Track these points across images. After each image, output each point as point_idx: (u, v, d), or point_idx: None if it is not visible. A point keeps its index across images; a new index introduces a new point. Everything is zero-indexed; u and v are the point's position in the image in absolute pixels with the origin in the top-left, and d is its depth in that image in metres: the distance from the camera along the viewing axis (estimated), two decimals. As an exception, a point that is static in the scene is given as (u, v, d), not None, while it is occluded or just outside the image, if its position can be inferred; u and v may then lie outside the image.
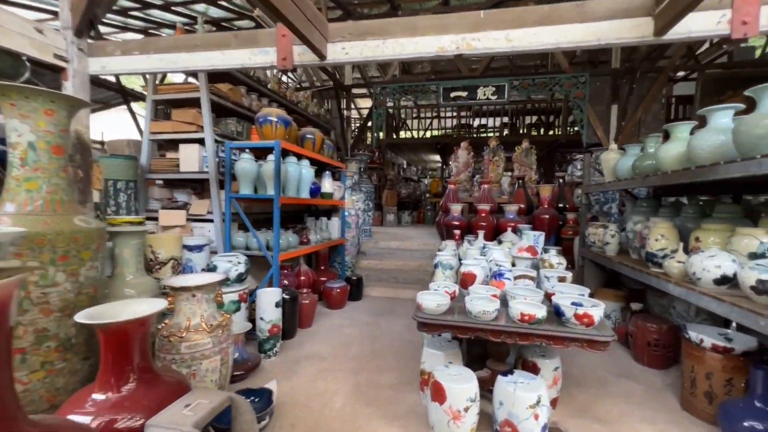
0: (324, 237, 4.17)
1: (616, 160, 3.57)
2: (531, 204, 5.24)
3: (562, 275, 2.20)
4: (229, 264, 2.79)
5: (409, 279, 4.82)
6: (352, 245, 4.86)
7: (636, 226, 3.11)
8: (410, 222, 8.83)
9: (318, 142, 3.82)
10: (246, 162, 3.08)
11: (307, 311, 3.46)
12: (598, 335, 1.65)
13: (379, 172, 8.70)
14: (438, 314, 1.89)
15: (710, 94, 4.94)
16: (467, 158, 6.16)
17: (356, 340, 3.20)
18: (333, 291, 4.03)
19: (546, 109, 8.19)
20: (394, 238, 6.19)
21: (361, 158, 5.72)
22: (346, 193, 4.82)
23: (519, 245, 2.54)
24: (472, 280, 2.18)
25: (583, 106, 5.10)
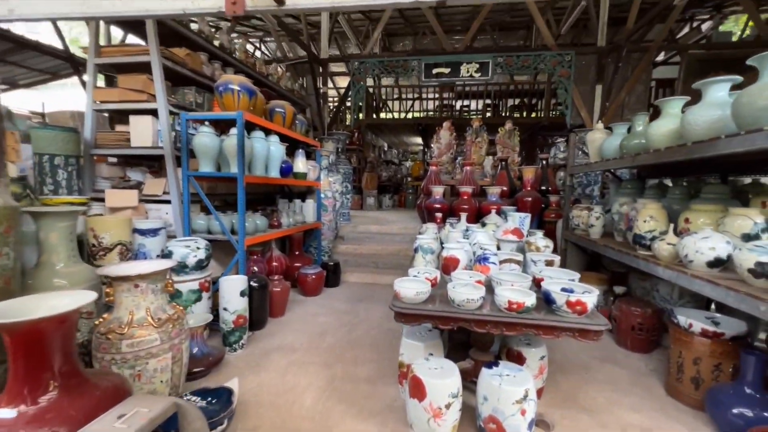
0: (298, 220, 3.90)
1: (602, 140, 3.45)
2: (514, 186, 5.12)
3: (550, 259, 2.05)
4: (186, 249, 2.50)
5: (389, 264, 4.65)
6: (329, 229, 4.61)
7: (622, 207, 3.01)
8: (391, 206, 8.63)
9: (289, 116, 3.50)
10: (205, 136, 2.75)
11: (279, 299, 3.22)
12: (592, 324, 1.50)
13: (359, 153, 8.39)
14: (417, 303, 1.70)
15: (693, 76, 4.90)
16: (449, 139, 5.96)
17: (332, 330, 3.00)
18: (308, 277, 3.80)
19: (529, 91, 8.05)
20: (374, 221, 5.98)
21: (338, 137, 5.41)
22: (321, 174, 4.53)
23: (504, 227, 2.37)
24: (455, 264, 2.00)
25: (568, 85, 4.95)
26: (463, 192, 4.81)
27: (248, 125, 2.95)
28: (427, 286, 1.72)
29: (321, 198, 4.46)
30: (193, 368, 2.16)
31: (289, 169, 3.55)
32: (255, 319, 2.91)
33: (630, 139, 2.94)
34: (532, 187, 4.70)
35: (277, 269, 3.70)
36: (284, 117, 3.45)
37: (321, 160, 4.52)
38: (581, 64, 5.01)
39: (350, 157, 8.28)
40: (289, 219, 3.69)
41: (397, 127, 9.36)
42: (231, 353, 2.53)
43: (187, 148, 2.83)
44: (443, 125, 6.00)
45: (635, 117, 2.99)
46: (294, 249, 4.19)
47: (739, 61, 4.14)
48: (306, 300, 3.76)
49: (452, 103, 8.49)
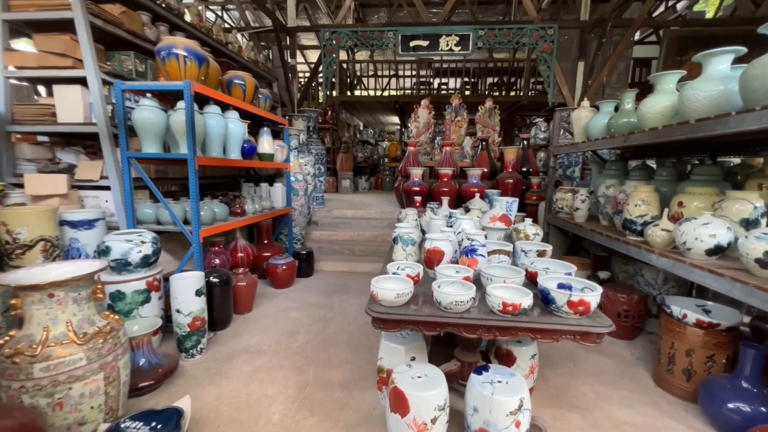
0: (265, 206, 3.55)
1: (588, 119, 3.29)
2: (494, 168, 4.96)
3: (542, 248, 1.87)
4: (127, 244, 2.13)
5: (366, 251, 4.41)
6: (301, 215, 4.29)
7: (608, 190, 2.88)
8: (367, 188, 8.33)
9: (250, 89, 3.09)
10: (147, 110, 2.33)
11: (245, 294, 2.92)
12: (596, 326, 1.32)
13: (333, 133, 7.96)
14: (398, 306, 1.47)
15: (674, 54, 4.83)
16: (428, 118, 5.67)
17: (304, 327, 2.75)
18: (278, 268, 3.50)
19: (508, 69, 7.82)
20: (350, 205, 5.69)
21: (309, 115, 4.99)
22: (291, 155, 4.16)
23: (491, 214, 2.17)
24: (440, 258, 1.78)
25: (551, 61, 4.75)
26: (442, 174, 4.60)
27: (200, 98, 2.54)
28: (409, 285, 1.48)
29: (291, 181, 4.11)
30: (139, 383, 1.86)
31: (253, 149, 3.17)
32: (217, 319, 2.61)
33: (618, 118, 2.79)
34: (514, 168, 4.54)
35: (244, 261, 3.37)
36: (244, 90, 3.04)
37: (290, 140, 4.14)
38: (563, 40, 4.82)
39: (323, 137, 7.84)
40: (254, 205, 3.34)
41: (372, 105, 8.94)
42: (188, 360, 2.24)
43: (126, 125, 2.40)
44: (421, 103, 5.70)
45: (623, 94, 2.83)
46: (262, 238, 3.85)
47: (718, 39, 4.03)
48: (276, 293, 3.47)
49: (430, 80, 8.15)
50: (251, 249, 3.51)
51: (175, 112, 2.37)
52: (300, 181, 4.22)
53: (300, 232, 4.33)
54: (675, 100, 2.21)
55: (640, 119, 2.38)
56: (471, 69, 7.94)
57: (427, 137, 5.78)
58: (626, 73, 5.20)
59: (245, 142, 3.09)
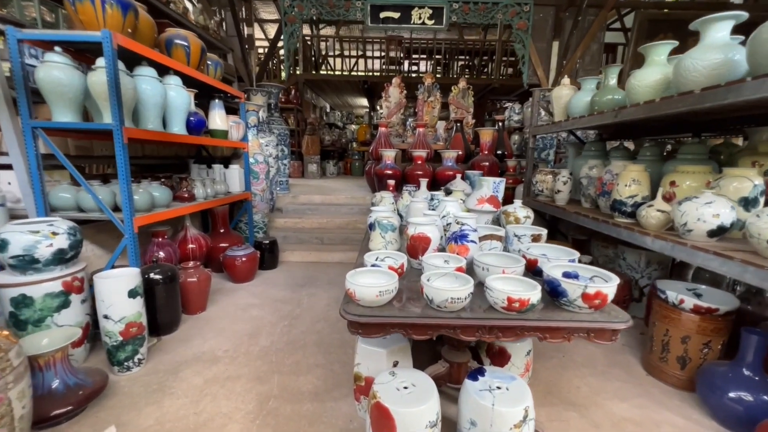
0: (219, 191, 3.12)
1: (570, 97, 3.14)
2: (469, 150, 4.78)
3: (537, 232, 1.66)
4: (32, 237, 1.68)
5: (336, 239, 4.09)
6: (263, 201, 3.87)
7: (592, 171, 2.76)
8: (336, 173, 7.93)
9: (195, 53, 2.62)
10: (56, 69, 1.84)
11: (197, 291, 2.53)
12: (613, 321, 1.13)
13: (298, 114, 7.43)
14: (381, 305, 1.19)
15: (644, 37, 4.84)
16: (400, 97, 5.36)
17: (267, 326, 2.42)
18: (236, 260, 3.10)
19: (480, 51, 7.64)
20: (317, 191, 5.30)
21: (270, 91, 4.51)
22: (249, 133, 3.70)
23: (477, 195, 1.94)
24: (426, 245, 1.52)
25: (526, 39, 4.59)
26: (416, 156, 4.34)
27: (129, 57, 2.07)
28: (392, 280, 1.21)
29: (250, 163, 3.67)
30: (52, 410, 1.47)
31: (201, 124, 2.72)
32: (162, 322, 2.22)
33: (602, 95, 2.65)
34: (490, 151, 4.38)
35: (195, 253, 2.95)
36: (188, 53, 2.57)
37: (248, 117, 3.68)
38: (538, 18, 4.67)
39: (287, 118, 7.30)
40: (206, 189, 2.91)
41: (340, 85, 8.45)
42: (122, 375, 1.85)
43: (27, 87, 1.89)
44: (392, 82, 5.37)
45: (607, 69, 2.68)
46: (218, 226, 3.41)
47: (687, 23, 3.96)
48: (235, 288, 3.09)
49: (400, 58, 7.80)
50: (204, 239, 3.08)
51: (95, 72, 1.89)
52: (260, 163, 3.79)
53: (262, 220, 3.92)
54: (667, 72, 2.08)
55: (629, 93, 2.23)
56: (443, 49, 7.67)
57: (399, 118, 5.49)
58: (599, 55, 5.18)
59: (191, 115, 2.64)
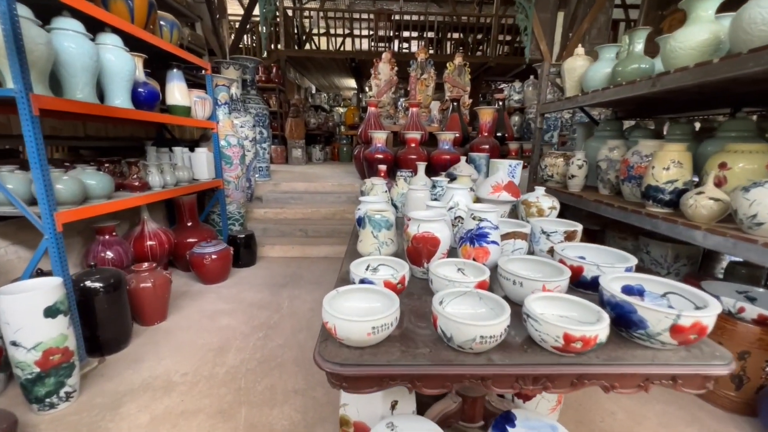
0: (182, 178, 2.67)
1: (585, 69, 2.77)
2: (467, 132, 4.39)
3: (571, 228, 1.30)
4: None
5: (322, 231, 3.69)
6: (238, 189, 3.43)
7: (612, 153, 2.41)
8: (323, 159, 7.45)
9: (141, 8, 2.13)
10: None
11: (154, 298, 2.12)
12: (711, 363, 0.78)
13: (280, 95, 6.88)
14: (374, 342, 0.82)
15: (655, 8, 4.46)
16: (390, 75, 4.90)
17: (238, 339, 2.04)
18: (205, 259, 2.69)
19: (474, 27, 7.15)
20: (301, 177, 4.86)
21: (245, 64, 4.00)
22: (219, 111, 3.23)
23: (492, 181, 1.56)
24: (433, 248, 1.14)
25: (529, 9, 4.16)
26: (410, 138, 3.93)
27: (44, 4, 1.59)
28: (391, 306, 0.83)
29: (221, 146, 3.21)
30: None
31: (154, 97, 2.25)
32: (105, 339, 1.82)
33: (627, 63, 2.28)
34: (489, 132, 4.00)
35: (155, 251, 2.52)
36: (131, 7, 2.07)
37: (217, 92, 3.19)
38: (543, -16, 4.24)
39: (268, 98, 6.75)
40: (164, 177, 2.46)
41: (325, 64, 7.88)
42: (43, 414, 1.45)
43: None
44: (382, 57, 4.89)
45: (632, 34, 2.30)
46: (185, 219, 2.97)
47: None
48: (204, 290, 2.68)
49: (389, 34, 7.26)
50: (167, 235, 2.64)
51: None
52: (234, 146, 3.32)
53: (238, 211, 3.49)
54: (716, 31, 1.71)
55: (668, 58, 1.86)
56: (435, 24, 7.15)
57: (390, 98, 5.03)
58: (606, 27, 4.81)
59: (140, 86, 2.17)
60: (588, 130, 3.24)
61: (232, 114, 3.70)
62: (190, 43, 3.90)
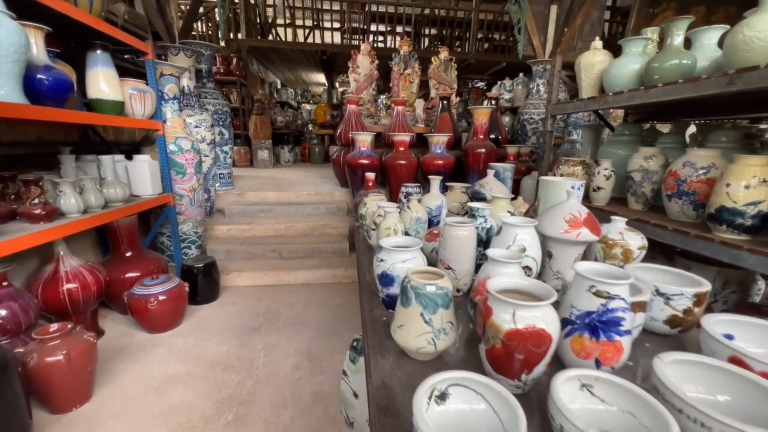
0: (112, 197, 2.00)
1: (605, 65, 2.44)
2: (458, 134, 3.99)
3: (702, 290, 0.90)
4: None
5: (299, 251, 3.13)
6: (194, 204, 2.78)
7: (649, 162, 2.08)
8: (292, 161, 6.78)
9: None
10: None
11: (69, 375, 1.48)
12: None
13: (242, 89, 6.13)
14: None
15: (646, 6, 4.31)
16: (371, 68, 4.39)
17: (197, 426, 1.46)
18: (149, 302, 2.05)
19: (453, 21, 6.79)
20: (271, 185, 4.24)
21: (199, 50, 3.31)
22: (167, 108, 2.56)
23: (565, 214, 1.12)
24: (539, 349, 0.67)
25: (522, 1, 3.82)
26: (398, 141, 3.46)
27: None
28: None
29: (170, 152, 2.55)
30: None
31: (64, 86, 1.59)
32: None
33: (665, 59, 1.96)
34: (485, 134, 3.62)
35: (77, 299, 1.85)
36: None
37: (163, 84, 2.53)
38: (536, -25, 3.93)
39: (228, 93, 5.97)
40: (86, 196, 1.79)
41: (292, 56, 7.18)
42: None
43: None
44: (361, 49, 4.36)
45: (670, 26, 1.99)
46: (122, 247, 2.29)
47: None
48: (150, 343, 2.04)
49: (363, 27, 6.72)
50: (96, 273, 1.97)
51: None
52: (187, 150, 2.67)
53: (194, 231, 2.84)
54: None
55: (737, 51, 1.52)
56: (413, 17, 6.71)
57: (370, 94, 4.53)
58: (599, 23, 4.62)
59: (40, 71, 1.51)
60: (595, 133, 2.94)
61: (183, 111, 3.02)
62: (126, 22, 3.16)
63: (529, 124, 3.96)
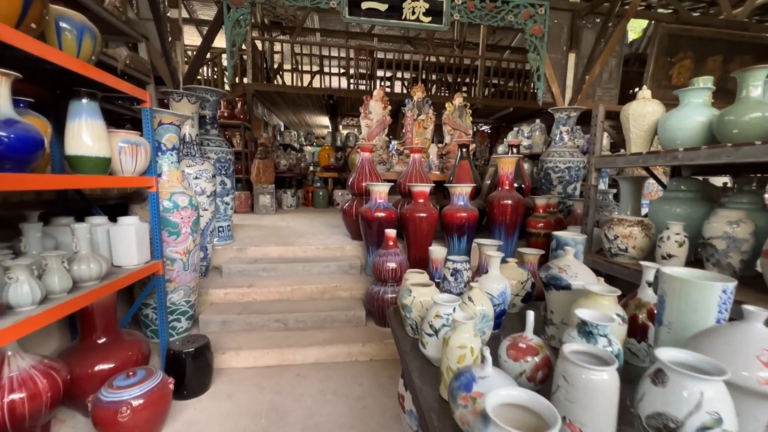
0: (87, 275, 1.60)
1: (658, 116, 2.20)
2: (479, 183, 3.71)
3: None
4: None
5: (308, 321, 2.68)
6: (188, 269, 2.38)
7: (735, 228, 1.75)
8: (295, 205, 6.47)
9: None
10: None
11: None
12: None
13: (246, 133, 5.94)
14: None
15: (664, 54, 4.26)
16: (383, 114, 4.21)
17: None
18: (120, 412, 1.58)
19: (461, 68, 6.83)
20: (274, 236, 3.86)
21: (203, 96, 3.08)
22: (163, 160, 2.25)
23: (755, 350, 0.73)
24: None
25: (541, 48, 3.72)
26: (417, 192, 3.16)
27: None
28: None
29: (164, 209, 2.19)
30: None
31: (30, 145, 1.26)
32: None
33: (744, 111, 1.71)
34: (511, 185, 3.33)
35: (23, 413, 1.39)
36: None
37: (161, 134, 2.23)
38: (552, 24, 3.88)
39: (231, 137, 5.78)
40: (48, 280, 1.40)
41: (298, 100, 7.13)
42: None
43: None
44: (374, 95, 4.21)
45: (744, 75, 1.75)
46: (95, 332, 1.84)
47: (707, 41, 3.18)
48: (117, 470, 1.55)
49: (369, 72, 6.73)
50: (53, 374, 1.52)
51: None
52: (184, 207, 2.31)
53: (186, 300, 2.41)
54: None
55: None
56: (420, 63, 6.74)
57: (383, 140, 4.31)
58: (617, 71, 4.57)
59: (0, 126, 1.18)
60: (637, 186, 2.65)
61: (183, 161, 2.71)
62: (127, 66, 2.94)
63: (554, 173, 3.71)
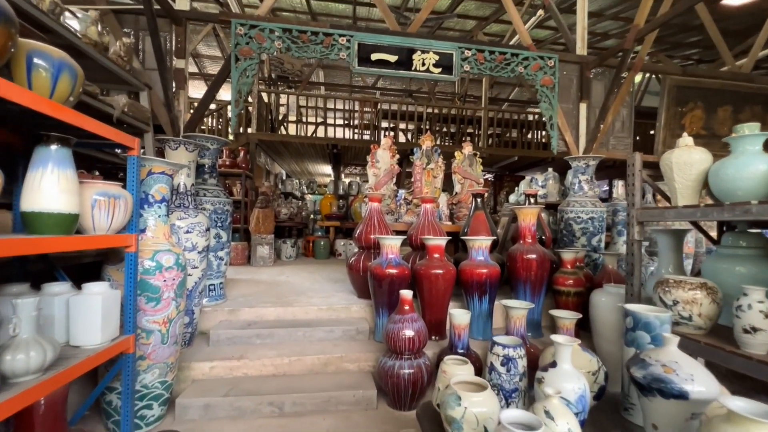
0: (20, 368, 1.23)
1: (707, 165, 1.98)
2: (497, 235, 3.43)
3: None
4: None
5: (308, 403, 2.22)
6: (167, 342, 1.99)
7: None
8: (294, 256, 6.12)
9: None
10: None
11: None
12: None
13: (247, 181, 5.78)
14: None
15: (674, 104, 4.24)
16: (391, 163, 4.05)
17: None
18: None
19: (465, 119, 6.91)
20: (271, 295, 3.48)
21: (203, 144, 2.89)
22: (149, 214, 1.97)
23: None
24: None
25: (553, 98, 3.67)
26: (432, 247, 2.86)
27: None
28: None
29: (143, 271, 1.87)
30: None
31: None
32: None
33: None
34: (533, 238, 3.05)
35: None
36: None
37: (150, 184, 1.98)
38: (561, 76, 3.87)
39: (231, 186, 5.60)
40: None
41: (301, 149, 7.10)
42: None
43: None
44: (382, 143, 4.09)
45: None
46: (36, 430, 1.43)
47: (715, 92, 3.12)
48: None
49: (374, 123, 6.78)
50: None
51: None
52: (169, 268, 1.99)
53: (161, 381, 1.99)
54: None
55: None
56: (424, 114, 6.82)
57: (390, 190, 4.11)
58: (630, 120, 4.53)
59: None
60: (678, 240, 2.37)
61: (174, 214, 2.44)
62: (126, 114, 2.78)
63: (576, 224, 3.45)
